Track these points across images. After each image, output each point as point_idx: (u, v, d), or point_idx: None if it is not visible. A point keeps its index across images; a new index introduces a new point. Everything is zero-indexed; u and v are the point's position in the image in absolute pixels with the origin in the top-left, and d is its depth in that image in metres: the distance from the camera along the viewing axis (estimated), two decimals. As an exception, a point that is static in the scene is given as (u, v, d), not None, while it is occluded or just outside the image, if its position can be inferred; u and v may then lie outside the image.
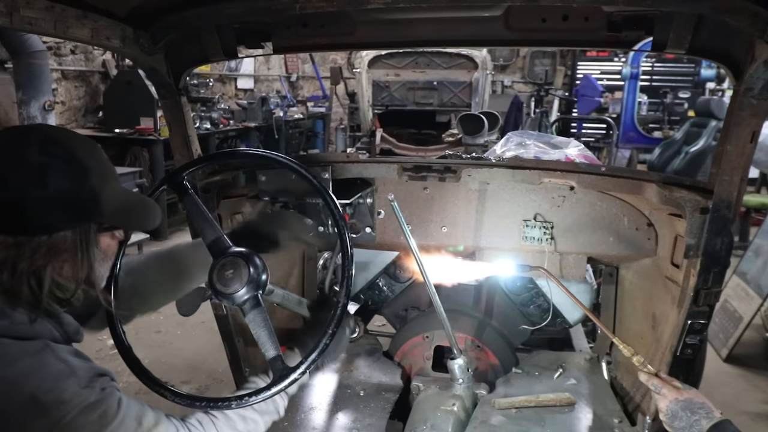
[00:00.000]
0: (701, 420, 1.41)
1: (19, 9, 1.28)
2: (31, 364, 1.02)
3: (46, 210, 1.03)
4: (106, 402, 1.07)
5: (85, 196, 1.08)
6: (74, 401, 1.02)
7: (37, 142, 1.06)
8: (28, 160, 1.03)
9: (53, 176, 1.04)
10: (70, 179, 1.06)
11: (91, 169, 1.09)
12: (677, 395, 1.50)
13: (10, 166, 1.03)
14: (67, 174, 1.06)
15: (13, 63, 5.75)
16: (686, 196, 1.59)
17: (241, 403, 1.42)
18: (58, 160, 1.05)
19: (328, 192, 1.59)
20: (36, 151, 1.04)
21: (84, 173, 1.07)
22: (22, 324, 1.04)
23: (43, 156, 1.04)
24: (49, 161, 1.04)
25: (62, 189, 1.04)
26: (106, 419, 1.06)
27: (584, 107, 9.32)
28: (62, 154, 1.06)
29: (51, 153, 1.05)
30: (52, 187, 1.03)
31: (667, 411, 1.49)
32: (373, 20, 1.73)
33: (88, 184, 1.08)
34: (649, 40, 1.52)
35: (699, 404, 1.45)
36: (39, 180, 1.03)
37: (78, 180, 1.07)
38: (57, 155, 1.06)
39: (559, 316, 2.42)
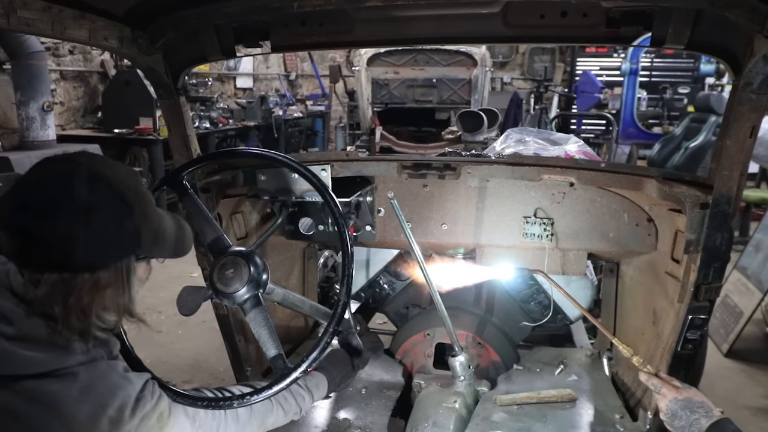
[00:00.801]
0: (701, 419, 1.42)
1: (17, 10, 1.28)
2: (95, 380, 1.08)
3: (91, 249, 1.04)
4: (159, 406, 1.19)
5: (128, 234, 1.09)
6: (136, 411, 1.12)
7: (85, 179, 1.05)
8: (76, 199, 1.03)
9: (99, 216, 1.04)
10: (115, 218, 1.07)
11: (134, 206, 1.09)
12: (677, 394, 1.50)
13: (57, 205, 1.03)
14: (112, 213, 1.06)
15: (12, 64, 5.75)
16: (686, 192, 1.59)
17: (243, 402, 1.42)
18: (104, 199, 1.06)
19: (328, 190, 1.59)
20: (83, 190, 1.04)
21: (128, 211, 1.08)
22: (82, 354, 1.08)
23: (90, 195, 1.04)
24: (96, 200, 1.05)
25: (107, 228, 1.05)
26: (162, 420, 1.19)
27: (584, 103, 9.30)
28: (108, 193, 1.07)
29: (97, 191, 1.05)
30: (97, 227, 1.04)
31: (666, 410, 1.50)
32: (372, 18, 1.72)
33: (131, 221, 1.09)
34: (648, 36, 1.52)
35: (698, 403, 1.46)
36: (85, 220, 1.03)
37: (122, 218, 1.07)
38: (103, 194, 1.06)
39: (559, 313, 2.42)
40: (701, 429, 1.41)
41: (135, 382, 1.15)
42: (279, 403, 1.53)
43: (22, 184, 1.08)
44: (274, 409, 1.52)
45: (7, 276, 1.05)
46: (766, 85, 1.36)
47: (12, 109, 5.95)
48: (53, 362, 1.04)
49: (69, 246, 1.02)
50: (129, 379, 1.15)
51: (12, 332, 1.02)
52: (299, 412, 1.59)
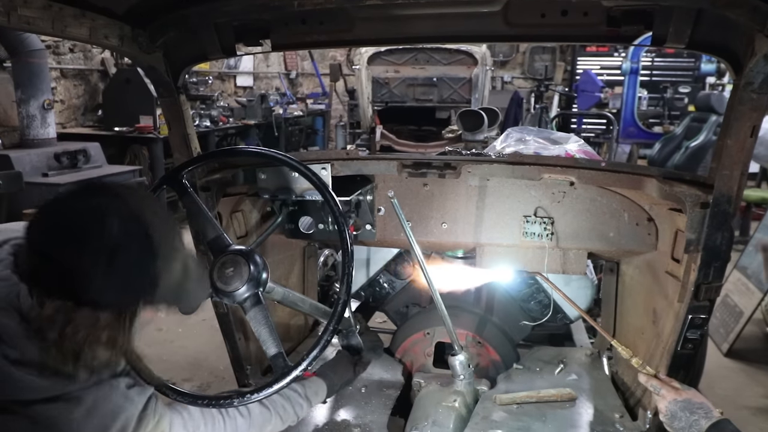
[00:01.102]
0: (700, 420, 1.43)
1: (17, 8, 1.28)
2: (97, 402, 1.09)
3: (103, 287, 1.02)
4: (161, 425, 1.22)
5: (146, 281, 1.06)
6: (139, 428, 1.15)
7: (120, 217, 1.03)
8: (105, 237, 1.01)
9: (122, 258, 1.02)
10: (138, 263, 1.04)
11: (160, 253, 1.07)
12: (676, 396, 1.51)
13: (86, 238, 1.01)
14: (137, 258, 1.04)
15: (12, 62, 5.75)
16: (686, 191, 1.59)
17: (243, 400, 1.42)
18: (133, 242, 1.03)
19: (328, 189, 1.59)
20: (115, 228, 1.02)
21: (152, 258, 1.05)
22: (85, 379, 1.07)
23: (121, 235, 1.02)
24: (125, 242, 1.02)
25: (126, 271, 1.03)
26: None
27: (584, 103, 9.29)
28: (138, 237, 1.04)
29: (129, 233, 1.03)
30: (117, 268, 1.02)
31: (666, 411, 1.51)
32: (372, 17, 1.72)
33: (153, 269, 1.06)
34: (648, 35, 1.51)
35: (698, 404, 1.46)
36: (108, 259, 1.01)
37: (144, 265, 1.05)
38: (133, 237, 1.04)
39: (559, 312, 2.42)
40: (701, 430, 1.42)
41: (137, 401, 1.15)
42: (277, 413, 1.53)
43: (60, 205, 1.06)
44: (272, 418, 1.53)
45: (18, 297, 1.03)
46: (766, 85, 1.36)
47: (12, 107, 5.95)
48: (56, 388, 1.04)
49: (83, 279, 1.00)
50: (131, 399, 1.14)
51: (16, 356, 1.01)
52: (296, 420, 1.59)
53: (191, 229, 1.89)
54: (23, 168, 5.03)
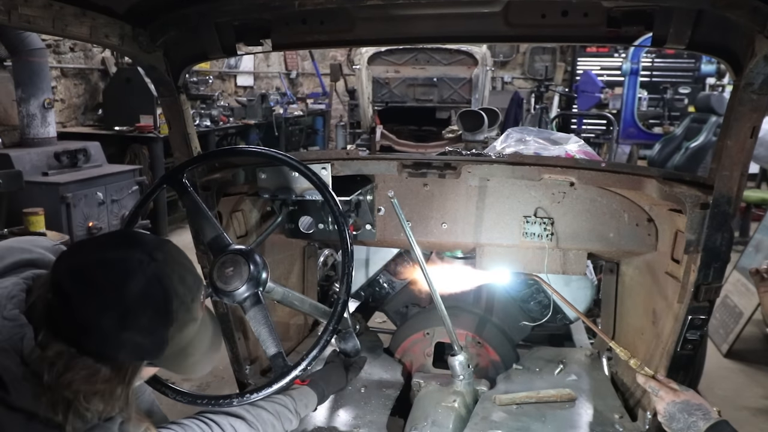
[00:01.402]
0: (698, 421, 1.43)
1: (18, 7, 1.28)
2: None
3: (108, 342, 1.01)
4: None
5: (154, 344, 1.05)
6: None
7: (145, 278, 1.02)
8: (125, 296, 1.01)
9: (137, 319, 1.01)
10: (151, 327, 1.04)
11: (176, 322, 1.06)
12: (674, 397, 1.51)
13: (105, 291, 1.01)
14: (152, 322, 1.03)
15: (12, 61, 5.75)
16: (686, 192, 1.59)
17: (243, 400, 1.43)
18: (152, 306, 1.03)
19: (328, 189, 1.59)
20: (137, 290, 1.01)
21: (167, 324, 1.05)
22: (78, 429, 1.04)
23: (141, 297, 1.01)
24: (143, 304, 1.02)
25: (137, 332, 1.02)
26: None
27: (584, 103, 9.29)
28: (159, 302, 1.04)
29: (150, 296, 1.03)
30: (128, 327, 1.01)
31: (664, 413, 1.51)
32: (373, 17, 1.72)
33: (165, 334, 1.05)
34: (648, 36, 1.51)
35: (696, 405, 1.47)
36: (122, 317, 1.00)
37: (157, 329, 1.04)
38: (153, 301, 1.03)
39: (559, 312, 2.42)
40: (699, 431, 1.41)
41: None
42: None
43: (93, 248, 1.06)
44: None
45: (22, 340, 1.01)
46: (766, 86, 1.36)
47: (12, 106, 5.94)
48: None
49: (92, 330, 0.99)
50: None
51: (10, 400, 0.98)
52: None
53: (191, 229, 1.90)
54: (23, 167, 5.02)
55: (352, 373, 1.83)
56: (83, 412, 1.02)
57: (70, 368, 0.99)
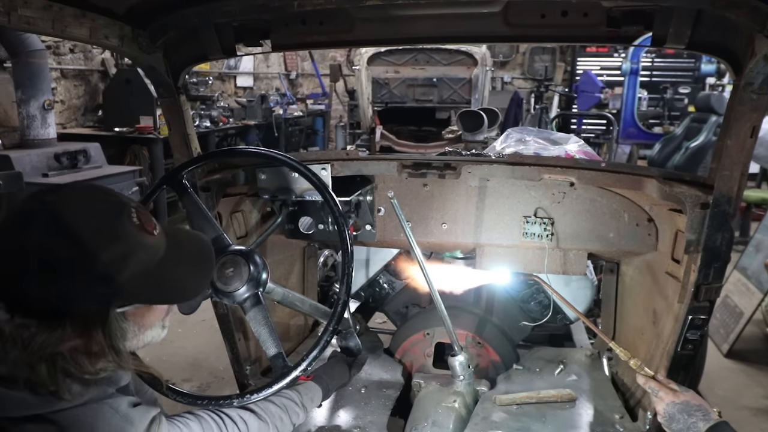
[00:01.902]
0: (698, 422, 1.43)
1: (17, 8, 1.28)
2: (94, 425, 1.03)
3: (50, 299, 0.97)
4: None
5: (91, 282, 0.99)
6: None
7: (42, 222, 0.97)
8: (29, 247, 0.96)
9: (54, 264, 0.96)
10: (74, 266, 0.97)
11: (102, 252, 0.98)
12: (674, 398, 1.51)
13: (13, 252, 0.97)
14: (70, 261, 0.97)
15: (13, 62, 5.75)
16: (686, 192, 1.59)
17: (243, 400, 1.42)
18: (60, 246, 0.97)
19: (328, 190, 1.59)
20: (36, 236, 0.96)
21: (90, 257, 0.98)
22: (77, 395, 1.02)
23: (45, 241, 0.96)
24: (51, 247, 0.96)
25: (65, 276, 0.97)
26: None
27: (584, 103, 9.29)
28: (65, 239, 0.97)
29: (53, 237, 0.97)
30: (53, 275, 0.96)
31: (664, 413, 1.51)
32: (372, 17, 1.72)
33: (96, 268, 0.98)
34: (648, 36, 1.52)
35: (696, 406, 1.46)
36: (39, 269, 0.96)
37: (80, 266, 0.98)
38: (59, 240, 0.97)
39: (559, 313, 2.42)
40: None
41: (138, 423, 1.09)
42: (275, 425, 1.50)
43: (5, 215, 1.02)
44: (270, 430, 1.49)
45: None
46: (766, 85, 1.36)
47: (13, 107, 5.94)
48: (44, 405, 0.99)
49: (25, 295, 0.96)
50: (131, 421, 1.07)
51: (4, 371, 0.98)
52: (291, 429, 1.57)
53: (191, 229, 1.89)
54: (23, 168, 5.03)
55: (355, 369, 1.84)
56: (74, 373, 1.00)
57: (34, 337, 0.96)
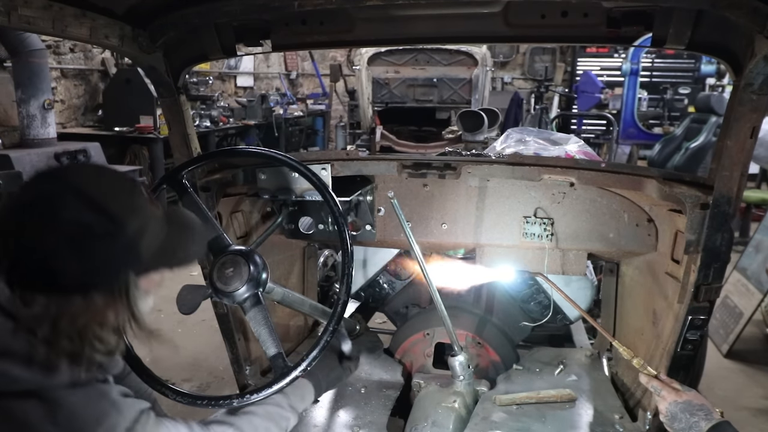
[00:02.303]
0: (700, 421, 1.43)
1: (18, 8, 1.28)
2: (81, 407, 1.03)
3: (80, 271, 0.99)
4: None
5: (121, 252, 1.03)
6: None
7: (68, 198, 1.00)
8: (59, 221, 0.99)
9: (85, 237, 0.99)
10: (104, 238, 1.01)
11: (126, 222, 1.03)
12: (676, 397, 1.51)
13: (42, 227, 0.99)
14: (100, 233, 1.01)
15: (13, 62, 5.75)
16: (686, 192, 1.59)
17: (243, 401, 1.42)
18: (90, 218, 1.00)
19: (328, 190, 1.59)
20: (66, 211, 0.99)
21: (117, 228, 1.02)
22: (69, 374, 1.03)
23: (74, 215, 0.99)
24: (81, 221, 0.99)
25: (95, 248, 1.00)
26: None
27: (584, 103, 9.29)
28: (94, 212, 1.01)
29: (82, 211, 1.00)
30: (84, 248, 0.99)
31: (666, 413, 1.51)
32: (372, 17, 1.73)
33: (124, 238, 1.03)
34: (648, 36, 1.52)
35: (698, 406, 1.47)
36: (69, 242, 0.98)
37: (112, 237, 1.02)
38: (88, 213, 1.00)
39: (559, 313, 2.42)
40: (701, 431, 1.41)
41: (126, 412, 1.09)
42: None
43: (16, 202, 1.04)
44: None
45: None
46: (766, 86, 1.36)
47: (13, 106, 5.94)
48: (35, 381, 1.00)
49: (57, 268, 0.98)
50: (119, 409, 1.08)
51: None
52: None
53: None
54: (23, 168, 5.02)
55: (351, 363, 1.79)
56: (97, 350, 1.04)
57: (62, 315, 0.99)
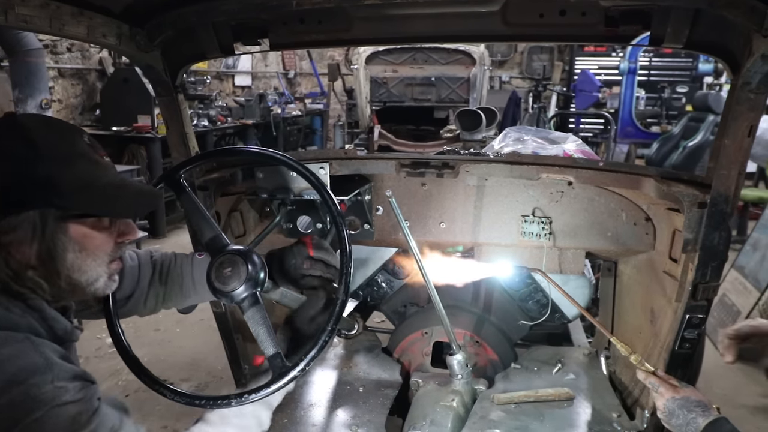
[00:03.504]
0: (698, 417, 1.43)
1: (15, 7, 1.28)
2: (6, 353, 0.99)
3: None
4: (80, 405, 1.01)
5: (37, 180, 1.06)
6: (45, 398, 0.97)
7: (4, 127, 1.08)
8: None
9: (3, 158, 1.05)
10: (19, 162, 1.05)
11: (47, 151, 1.07)
12: (674, 393, 1.51)
13: None
14: (16, 157, 1.05)
15: (10, 61, 5.74)
16: (684, 191, 1.59)
17: (241, 400, 1.42)
18: (8, 142, 1.06)
19: (326, 189, 1.59)
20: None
21: (35, 156, 1.06)
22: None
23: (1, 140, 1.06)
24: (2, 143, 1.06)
25: (8, 172, 1.05)
26: (77, 424, 1.00)
27: (582, 102, 9.31)
28: (16, 137, 1.06)
29: (4, 135, 1.07)
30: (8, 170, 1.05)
31: (664, 409, 1.51)
32: (370, 16, 1.72)
33: (41, 167, 1.06)
34: (646, 35, 1.52)
35: (695, 402, 1.47)
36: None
37: (28, 163, 1.05)
38: (9, 137, 1.07)
39: (557, 312, 2.42)
40: (698, 428, 1.42)
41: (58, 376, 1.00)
42: None
43: None
44: None
45: None
46: (764, 85, 1.37)
47: (10, 106, 5.92)
48: None
49: None
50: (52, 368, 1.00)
51: None
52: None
53: (189, 229, 1.89)
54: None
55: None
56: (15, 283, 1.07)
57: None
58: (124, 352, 1.45)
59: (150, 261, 1.60)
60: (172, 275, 1.61)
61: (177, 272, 1.61)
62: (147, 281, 1.57)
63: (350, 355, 2.33)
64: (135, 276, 1.55)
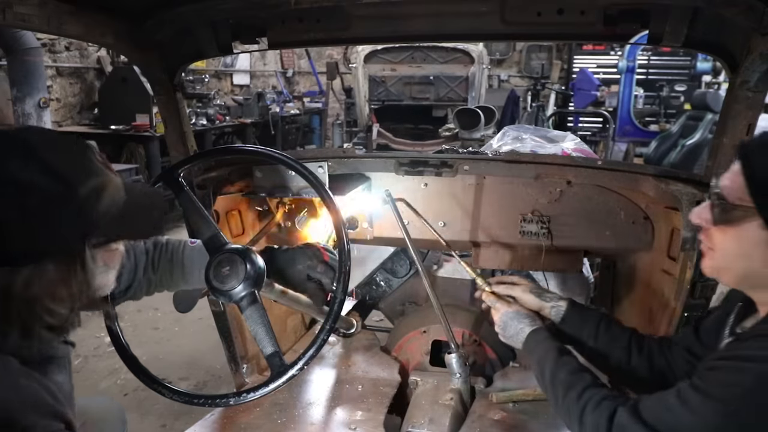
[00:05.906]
0: (525, 328, 1.54)
1: (13, 5, 1.27)
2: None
3: (29, 237, 0.92)
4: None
5: (75, 218, 0.96)
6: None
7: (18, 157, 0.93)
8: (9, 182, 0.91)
9: (34, 199, 0.92)
10: (54, 201, 0.94)
11: (81, 186, 0.97)
12: (508, 308, 1.62)
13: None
14: (51, 195, 0.93)
15: (8, 60, 5.72)
16: (682, 189, 1.59)
17: (239, 399, 1.42)
18: (39, 180, 0.93)
19: (325, 188, 1.59)
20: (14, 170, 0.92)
21: (73, 192, 0.96)
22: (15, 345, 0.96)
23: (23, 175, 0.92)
24: (30, 181, 0.92)
25: (46, 212, 0.93)
26: None
27: (581, 101, 9.30)
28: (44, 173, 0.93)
29: (31, 171, 0.93)
30: (33, 212, 0.92)
31: (500, 322, 1.61)
32: (369, 15, 1.72)
33: (78, 203, 0.96)
34: (645, 34, 1.52)
35: (525, 314, 1.58)
36: (18, 204, 0.91)
37: (65, 201, 0.95)
38: (38, 174, 0.93)
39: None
40: (524, 336, 1.54)
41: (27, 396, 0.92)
42: None
43: None
44: None
45: None
46: (762, 83, 1.37)
47: (8, 105, 5.92)
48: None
49: (5, 235, 0.90)
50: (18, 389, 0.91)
51: None
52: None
53: (187, 228, 1.89)
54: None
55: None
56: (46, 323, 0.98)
57: (12, 284, 0.92)
58: (123, 351, 1.45)
59: (144, 249, 1.60)
60: (163, 261, 1.61)
61: (168, 258, 1.62)
62: (142, 271, 1.57)
63: (349, 354, 2.33)
64: (132, 268, 1.55)
